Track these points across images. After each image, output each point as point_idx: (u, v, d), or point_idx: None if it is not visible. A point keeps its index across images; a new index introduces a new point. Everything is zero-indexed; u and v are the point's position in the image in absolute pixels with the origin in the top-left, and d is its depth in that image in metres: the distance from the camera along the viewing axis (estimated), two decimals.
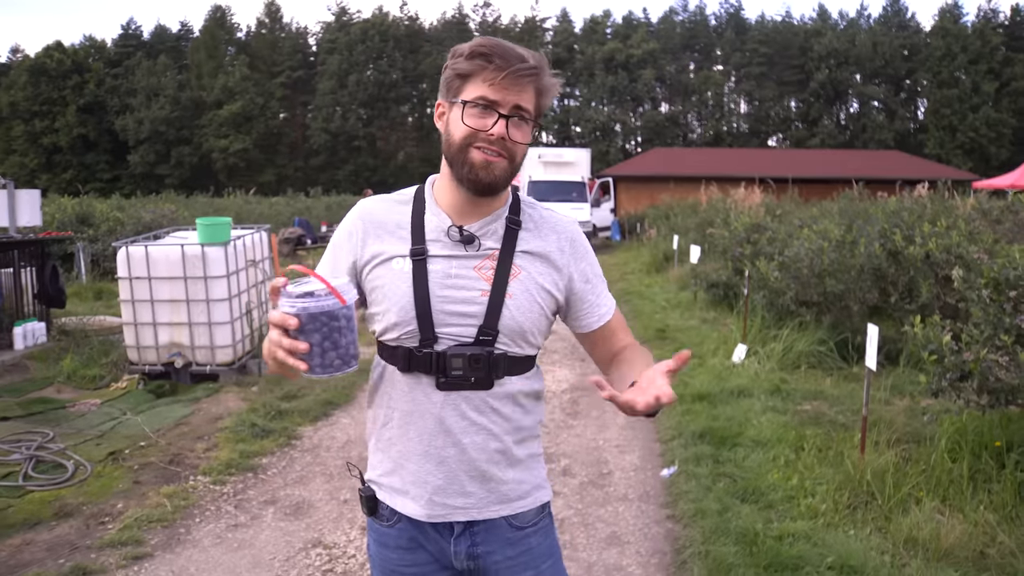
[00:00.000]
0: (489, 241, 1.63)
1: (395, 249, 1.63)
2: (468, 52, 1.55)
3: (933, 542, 3.72)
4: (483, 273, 1.61)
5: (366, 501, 1.73)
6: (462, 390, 1.59)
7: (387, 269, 1.62)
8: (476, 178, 1.56)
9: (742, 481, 4.59)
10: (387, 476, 1.69)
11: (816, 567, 3.50)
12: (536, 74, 1.54)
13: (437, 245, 1.62)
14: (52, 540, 4.10)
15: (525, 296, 1.62)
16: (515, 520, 1.69)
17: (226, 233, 7.34)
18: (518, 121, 1.55)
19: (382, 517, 1.71)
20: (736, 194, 16.74)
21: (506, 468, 1.66)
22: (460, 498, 1.64)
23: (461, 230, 1.61)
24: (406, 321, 1.59)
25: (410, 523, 1.67)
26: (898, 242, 6.84)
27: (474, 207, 1.63)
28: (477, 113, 1.53)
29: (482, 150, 1.54)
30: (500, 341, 1.59)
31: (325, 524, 4.27)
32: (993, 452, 4.41)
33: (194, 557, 3.90)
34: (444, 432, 1.61)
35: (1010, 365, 4.03)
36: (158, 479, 4.98)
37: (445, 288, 1.59)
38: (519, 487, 1.69)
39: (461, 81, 1.56)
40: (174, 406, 6.67)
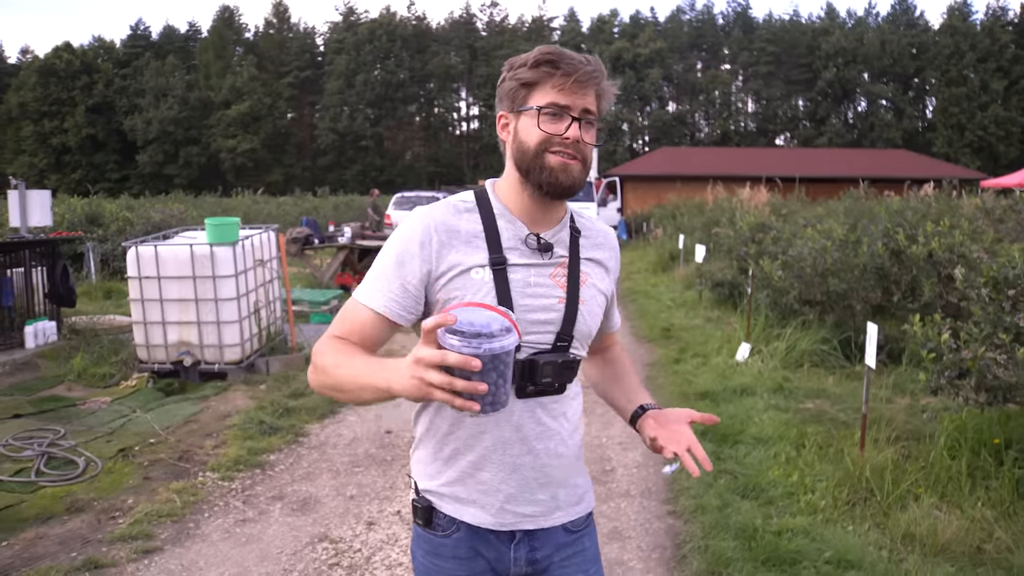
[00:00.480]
0: (560, 249, 1.65)
1: (473, 259, 1.59)
2: (532, 61, 1.57)
3: (930, 537, 3.77)
4: (558, 280, 1.63)
5: (421, 512, 1.69)
6: (539, 396, 1.61)
7: (466, 279, 1.58)
8: (556, 181, 1.56)
9: (743, 478, 4.64)
10: (451, 486, 1.66)
11: (814, 562, 3.55)
12: (598, 77, 1.58)
13: (515, 254, 1.61)
14: (64, 534, 4.18)
15: (593, 301, 1.67)
16: (571, 525, 1.71)
17: (234, 233, 7.42)
18: (587, 124, 1.58)
19: (438, 527, 1.68)
20: (742, 194, 16.76)
21: (567, 473, 1.69)
22: (529, 506, 1.65)
23: (539, 238, 1.62)
24: None
25: (469, 532, 1.65)
26: (901, 241, 6.88)
27: (545, 214, 1.65)
28: (550, 119, 1.55)
29: (558, 154, 1.55)
30: (573, 346, 1.62)
31: (331, 519, 4.34)
32: (992, 449, 4.45)
33: (203, 551, 3.97)
34: (521, 439, 1.61)
35: (1008, 363, 4.08)
36: (167, 475, 5.06)
37: (526, 297, 1.59)
38: (575, 492, 1.72)
39: (527, 90, 1.58)
40: (183, 404, 6.76)
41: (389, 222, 20.08)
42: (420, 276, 1.60)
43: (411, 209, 15.32)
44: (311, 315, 10.50)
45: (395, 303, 1.59)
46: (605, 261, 1.73)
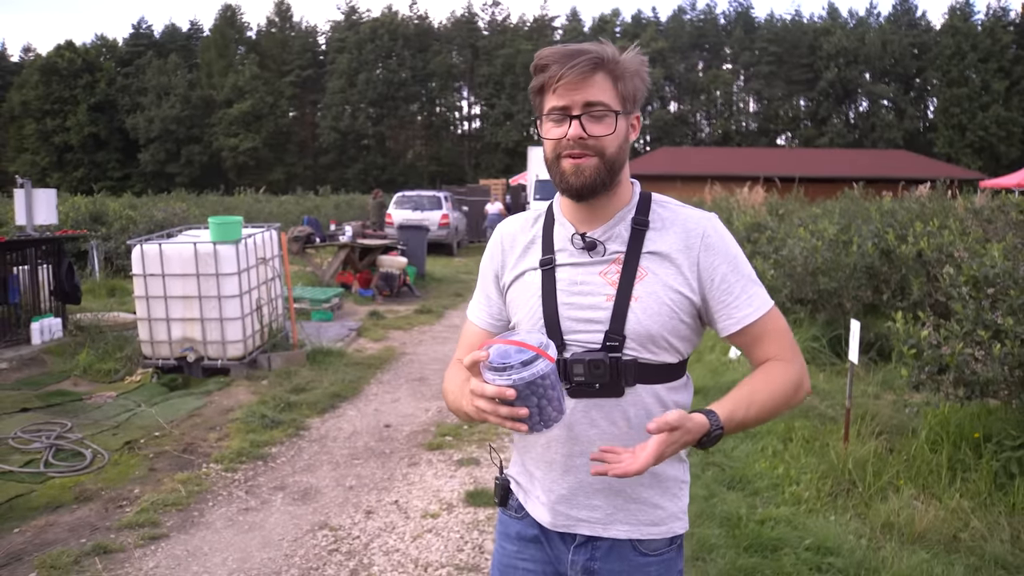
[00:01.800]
0: (614, 245, 1.61)
1: (528, 263, 1.67)
2: (533, 68, 1.57)
3: (908, 526, 3.92)
4: (608, 278, 1.59)
5: (499, 490, 1.75)
6: (593, 397, 1.57)
7: (521, 282, 1.67)
8: (569, 185, 1.56)
9: (730, 470, 4.79)
10: (523, 477, 1.72)
11: (794, 548, 3.70)
12: (598, 62, 1.53)
13: (564, 254, 1.63)
14: (73, 522, 4.33)
15: (652, 298, 1.56)
16: (641, 545, 1.63)
17: (237, 231, 7.57)
18: (592, 118, 1.53)
19: (511, 508, 1.74)
20: (740, 193, 16.89)
21: (641, 487, 1.61)
22: (585, 511, 1.62)
23: (584, 236, 1.61)
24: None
25: (535, 521, 1.69)
26: (891, 241, 7.02)
27: (593, 212, 1.63)
28: (554, 124, 1.56)
29: (568, 157, 1.55)
30: (628, 346, 1.55)
31: (331, 508, 4.49)
32: (972, 443, 4.59)
33: (208, 538, 4.12)
34: (572, 440, 1.59)
35: (986, 359, 4.22)
36: (172, 466, 5.21)
37: (572, 295, 1.59)
38: (653, 512, 1.63)
39: (540, 97, 1.58)
40: (187, 398, 6.91)
41: (390, 221, 20.20)
42: (495, 285, 1.75)
43: (412, 208, 15.53)
44: (312, 313, 10.64)
45: (484, 313, 1.77)
46: (677, 252, 1.59)
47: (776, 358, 1.61)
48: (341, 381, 7.27)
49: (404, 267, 13.45)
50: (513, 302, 1.69)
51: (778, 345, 1.62)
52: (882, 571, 3.50)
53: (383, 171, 59.45)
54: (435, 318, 11.37)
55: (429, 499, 4.63)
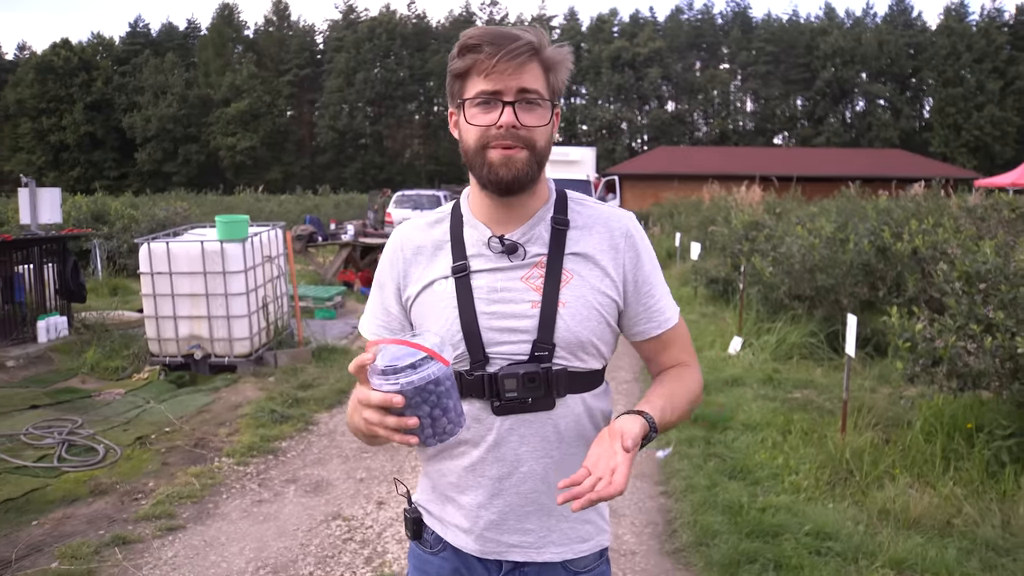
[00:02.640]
0: (535, 247, 1.49)
1: (437, 271, 1.52)
2: (458, 49, 1.43)
3: (903, 513, 4.05)
4: (532, 283, 1.46)
5: (411, 523, 1.60)
6: (521, 413, 1.45)
7: (430, 293, 1.51)
8: (498, 177, 1.42)
9: (731, 461, 4.91)
10: (436, 505, 1.58)
11: (795, 534, 3.82)
12: (535, 49, 1.41)
13: (479, 259, 1.49)
14: (91, 514, 4.44)
15: (580, 303, 1.46)
16: (572, 565, 1.54)
17: (244, 230, 7.67)
18: (527, 105, 1.41)
19: (426, 543, 1.59)
20: (738, 192, 17.03)
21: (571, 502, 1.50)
22: (517, 535, 1.50)
23: (502, 239, 1.48)
24: (454, 345, 1.44)
25: (456, 554, 1.55)
26: (886, 239, 7.15)
27: (511, 212, 1.50)
28: (481, 110, 1.42)
29: (497, 147, 1.41)
30: (557, 355, 1.45)
31: (343, 500, 4.61)
32: (965, 434, 4.72)
33: (224, 528, 4.23)
34: (500, 460, 1.47)
35: (977, 352, 4.35)
36: (185, 461, 5.32)
37: (492, 304, 1.46)
38: (584, 528, 1.54)
39: (461, 81, 1.44)
40: (195, 395, 7.01)
41: (390, 220, 20.30)
42: (395, 296, 1.56)
43: (412, 208, 15.64)
44: (315, 311, 10.75)
45: (381, 328, 1.58)
46: (603, 253, 1.51)
47: (684, 363, 1.60)
48: (347, 377, 7.37)
49: None
50: (422, 316, 1.52)
51: (686, 351, 1.61)
52: (878, 555, 3.62)
53: (381, 170, 59.52)
54: None
55: None
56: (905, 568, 3.56)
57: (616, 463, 1.26)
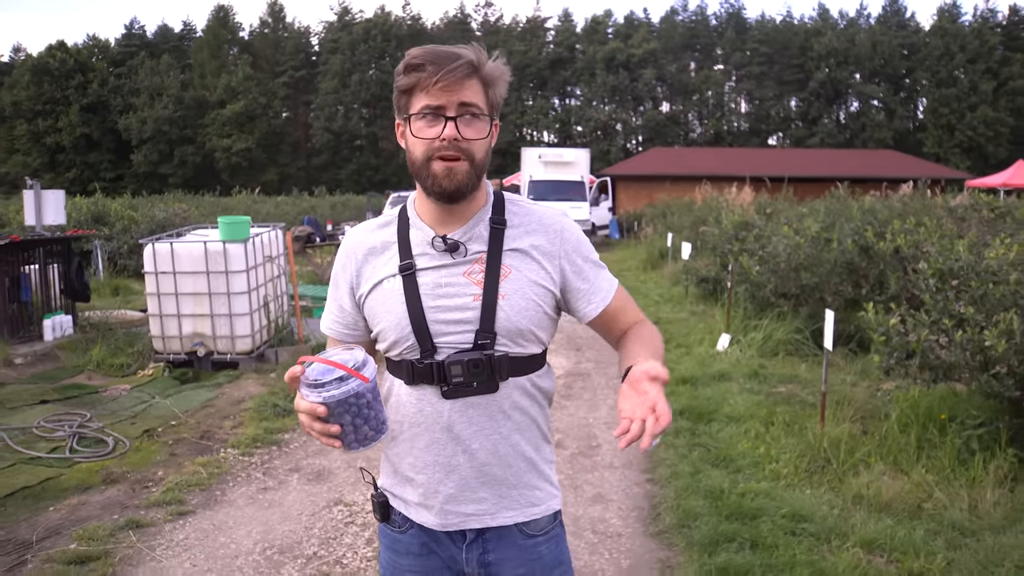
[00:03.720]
0: (475, 245, 1.64)
1: (386, 270, 1.66)
2: (403, 67, 1.56)
3: (876, 497, 4.27)
4: (473, 278, 1.61)
5: (379, 507, 1.75)
6: (468, 396, 1.61)
7: (380, 291, 1.66)
8: (441, 188, 1.57)
9: (715, 450, 5.14)
10: (399, 487, 1.72)
11: (772, 517, 4.05)
12: (474, 67, 1.54)
13: (424, 258, 1.64)
14: (104, 501, 4.65)
15: (518, 295, 1.62)
16: (527, 528, 1.70)
17: (246, 231, 7.89)
18: (468, 119, 1.55)
19: (394, 523, 1.74)
20: (729, 193, 17.26)
21: (519, 473, 1.68)
22: (472, 505, 1.66)
23: (444, 239, 1.62)
24: (404, 337, 1.61)
25: (422, 530, 1.70)
26: (869, 238, 7.38)
27: (452, 215, 1.64)
28: (426, 123, 1.55)
29: (440, 159, 1.55)
30: (499, 343, 1.60)
31: (344, 487, 4.83)
32: (939, 424, 4.94)
33: (231, 513, 4.45)
34: (453, 440, 1.63)
35: (948, 345, 4.58)
36: (192, 451, 5.53)
37: (437, 298, 1.60)
38: (532, 493, 1.70)
39: (407, 97, 1.58)
40: (199, 391, 7.22)
41: None
42: (349, 295, 1.72)
43: None
44: (314, 310, 10.95)
45: (337, 323, 1.76)
46: (537, 248, 1.67)
47: (636, 322, 1.76)
48: None
49: None
50: (373, 311, 1.67)
51: (634, 313, 1.78)
52: (850, 535, 3.85)
53: (376, 171, 59.69)
54: None
55: None
56: (875, 548, 3.78)
57: (652, 400, 1.42)
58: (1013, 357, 4.24)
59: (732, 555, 3.63)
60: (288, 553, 3.94)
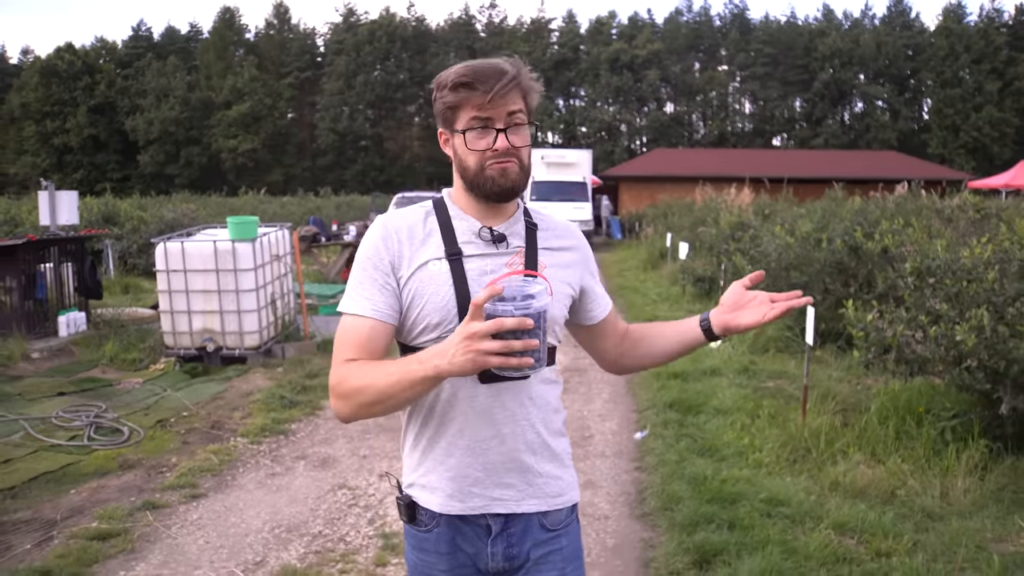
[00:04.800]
0: (515, 240, 1.74)
1: (429, 254, 1.70)
2: (451, 84, 1.63)
3: (852, 485, 4.51)
4: (514, 268, 1.70)
5: (405, 509, 1.77)
6: (502, 382, 1.64)
7: (425, 272, 1.69)
8: (499, 187, 1.66)
9: (701, 441, 5.38)
10: (426, 476, 1.74)
11: (750, 501, 4.29)
12: (518, 81, 1.64)
13: (470, 246, 1.70)
14: (121, 485, 4.92)
15: (555, 286, 1.71)
16: (547, 520, 1.75)
17: (254, 230, 8.15)
18: (515, 128, 1.65)
19: (421, 523, 1.76)
20: (728, 194, 17.49)
21: (543, 461, 1.74)
22: (499, 489, 1.70)
23: (492, 230, 1.71)
24: (449, 318, 1.65)
25: (448, 526, 1.72)
26: (858, 238, 7.61)
27: (495, 212, 1.74)
28: (477, 135, 1.64)
29: (494, 164, 1.64)
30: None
31: (348, 473, 5.09)
32: (916, 417, 5.18)
33: (242, 496, 4.71)
34: (487, 424, 1.68)
35: (924, 340, 4.81)
36: (203, 440, 5.80)
37: (482, 285, 1.63)
38: (555, 483, 1.76)
39: (453, 112, 1.66)
40: (209, 384, 7.49)
41: None
42: (390, 274, 1.70)
43: None
44: (320, 308, 11.21)
45: (382, 303, 1.69)
46: (565, 251, 1.80)
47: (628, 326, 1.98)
48: None
49: None
50: (416, 291, 1.69)
51: (621, 318, 2.00)
52: (824, 518, 4.09)
53: (381, 172, 59.96)
54: None
55: None
56: (846, 530, 4.02)
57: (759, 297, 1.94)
58: (983, 351, 4.47)
59: (709, 534, 3.88)
60: (295, 531, 4.20)
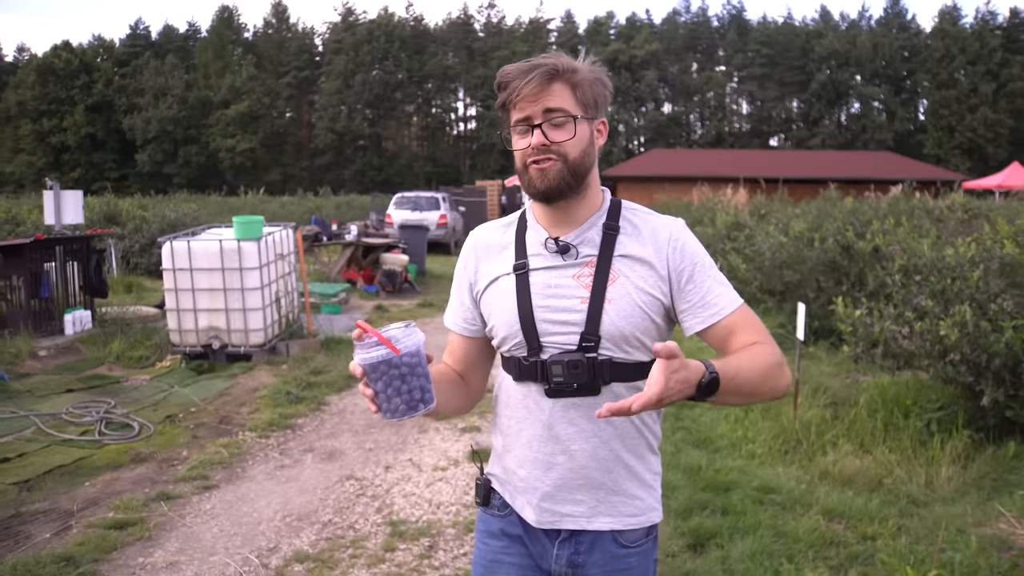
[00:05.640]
0: (586, 248, 1.66)
1: (502, 269, 1.71)
2: (496, 86, 1.65)
3: (841, 474, 4.69)
4: (582, 280, 1.63)
5: (481, 489, 1.80)
6: (569, 396, 1.62)
7: (495, 288, 1.71)
8: (536, 189, 1.63)
9: (696, 433, 5.57)
10: (503, 475, 1.78)
11: (743, 489, 4.47)
12: (553, 72, 1.60)
13: (538, 259, 1.68)
14: (135, 477, 5.08)
15: (625, 300, 1.62)
16: (621, 537, 1.70)
17: (259, 230, 8.31)
18: (551, 125, 1.60)
19: (494, 506, 1.78)
20: (724, 194, 17.67)
21: (619, 479, 1.67)
22: (569, 505, 1.67)
23: (556, 241, 1.66)
24: (513, 334, 1.66)
25: (521, 520, 1.73)
26: (850, 237, 7.79)
27: (567, 217, 1.68)
28: (519, 135, 1.63)
29: (533, 163, 1.61)
30: (603, 347, 1.60)
31: (355, 464, 5.25)
32: (904, 409, 5.36)
33: (252, 487, 4.88)
34: (553, 439, 1.65)
35: (910, 335, 4.99)
36: (212, 434, 5.96)
37: (546, 298, 1.64)
38: (633, 503, 1.69)
39: (505, 112, 1.66)
40: (215, 380, 7.65)
41: (390, 221, 20.88)
42: (468, 291, 1.78)
43: (411, 209, 16.40)
44: (322, 306, 11.39)
45: (459, 318, 1.80)
46: (648, 256, 1.66)
47: (754, 343, 1.62)
48: None
49: (405, 264, 14.19)
50: (488, 307, 1.73)
51: (754, 334, 1.64)
52: (813, 505, 4.26)
53: (379, 172, 60.09)
54: (436, 311, 12.09)
55: (438, 457, 5.39)
56: (834, 515, 4.20)
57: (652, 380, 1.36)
58: (965, 345, 4.65)
59: (704, 519, 4.05)
60: (305, 520, 4.37)
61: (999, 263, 4.80)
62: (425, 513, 4.47)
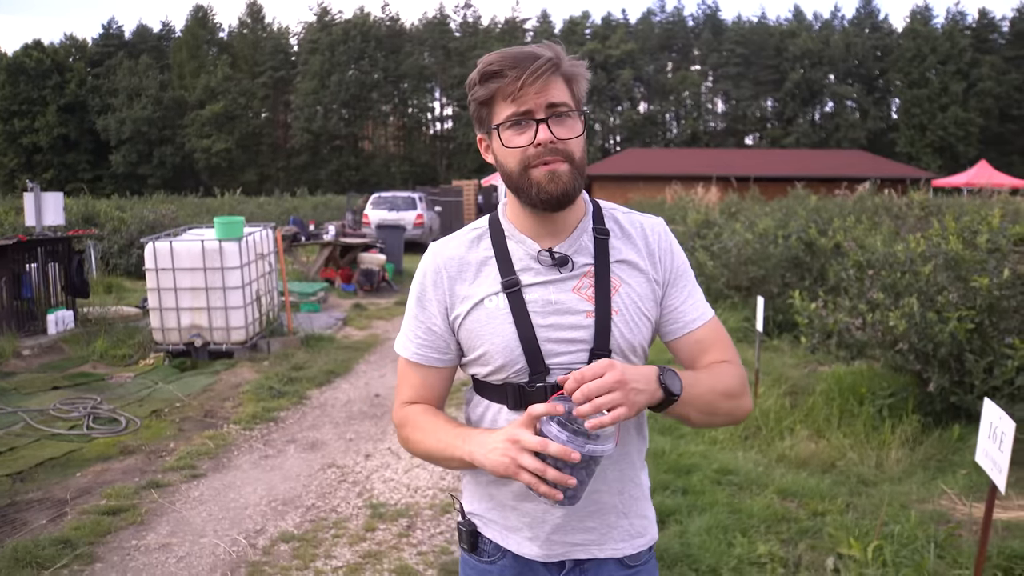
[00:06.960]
0: (581, 258, 1.52)
1: (485, 288, 1.52)
2: (480, 77, 1.45)
3: (796, 457, 4.98)
4: (583, 293, 1.49)
5: (466, 536, 1.62)
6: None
7: (481, 311, 1.51)
8: (548, 195, 1.44)
9: (662, 421, 5.82)
10: (497, 511, 1.59)
11: (704, 471, 4.74)
12: (556, 64, 1.43)
13: (529, 273, 1.51)
14: (124, 467, 5.28)
15: (631, 309, 1.51)
16: (628, 559, 1.60)
17: (240, 230, 8.50)
18: (558, 119, 1.43)
19: (483, 553, 1.61)
20: (696, 193, 18.01)
21: (628, 501, 1.58)
22: (580, 534, 1.55)
23: (552, 252, 1.50)
24: (513, 360, 1.49)
25: (516, 560, 1.58)
26: (812, 235, 8.11)
27: (555, 226, 1.52)
28: (515, 132, 1.44)
29: (539, 165, 1.43)
30: None
31: (336, 454, 5.48)
32: (859, 397, 5.67)
33: (238, 476, 5.09)
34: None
35: (862, 326, 5.30)
36: (198, 427, 6.17)
37: (549, 316, 1.48)
38: (639, 523, 1.61)
39: (487, 108, 1.47)
40: (198, 377, 7.83)
41: (367, 221, 21.04)
42: (441, 315, 1.55)
43: (388, 209, 16.64)
44: (301, 305, 11.58)
45: (425, 347, 1.58)
46: (643, 260, 1.55)
47: (721, 361, 1.58)
48: (334, 361, 8.24)
49: (383, 264, 14.40)
50: (474, 333, 1.52)
51: (721, 351, 1.59)
52: (769, 485, 4.55)
53: (356, 172, 60.12)
54: None
55: None
56: (788, 495, 4.48)
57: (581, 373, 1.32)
58: (913, 335, 4.96)
59: (664, 498, 4.32)
60: (290, 504, 4.60)
61: (944, 258, 5.10)
62: (403, 496, 4.71)
